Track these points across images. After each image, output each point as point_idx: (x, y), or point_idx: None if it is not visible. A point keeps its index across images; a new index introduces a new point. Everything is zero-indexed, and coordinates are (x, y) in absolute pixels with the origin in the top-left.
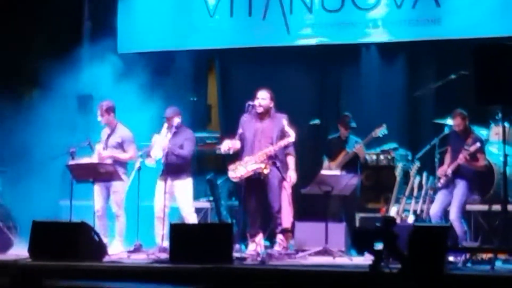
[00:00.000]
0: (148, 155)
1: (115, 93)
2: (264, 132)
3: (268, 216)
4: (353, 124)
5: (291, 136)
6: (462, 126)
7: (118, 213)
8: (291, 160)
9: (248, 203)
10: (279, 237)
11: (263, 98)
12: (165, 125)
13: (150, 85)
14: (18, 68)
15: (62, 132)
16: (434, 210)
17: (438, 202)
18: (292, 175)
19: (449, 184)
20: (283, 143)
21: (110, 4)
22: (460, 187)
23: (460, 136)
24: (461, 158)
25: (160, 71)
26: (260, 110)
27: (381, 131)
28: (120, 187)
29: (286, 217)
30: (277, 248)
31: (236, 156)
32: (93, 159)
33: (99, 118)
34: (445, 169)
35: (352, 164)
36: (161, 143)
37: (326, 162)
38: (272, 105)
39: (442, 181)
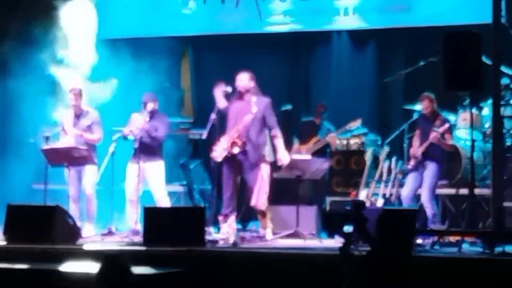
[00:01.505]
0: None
1: (89, 78)
2: (240, 112)
3: (242, 198)
4: (325, 116)
5: (252, 112)
6: (430, 108)
7: (90, 196)
8: (278, 142)
9: (222, 185)
10: (262, 219)
11: (241, 79)
12: (145, 108)
13: (123, 71)
14: None
15: (36, 116)
16: (405, 193)
17: (409, 185)
18: (282, 157)
19: (419, 166)
20: (245, 120)
21: None
22: (430, 169)
23: (428, 119)
24: (434, 136)
25: (133, 58)
26: (240, 90)
27: (356, 125)
28: (91, 170)
29: (260, 199)
30: (261, 230)
31: (211, 140)
32: (64, 141)
33: (74, 102)
34: (415, 150)
35: (322, 150)
36: (138, 123)
37: (296, 144)
38: (252, 85)
39: (412, 163)
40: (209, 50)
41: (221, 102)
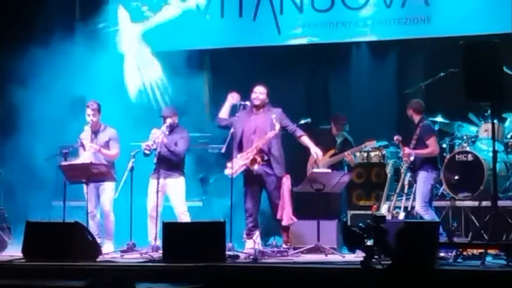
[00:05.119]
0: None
1: (107, 93)
2: (259, 127)
3: (265, 214)
4: (346, 128)
5: (275, 129)
6: (410, 117)
7: (108, 213)
8: (305, 140)
9: (245, 201)
10: (285, 234)
11: (260, 92)
12: (165, 123)
13: (141, 85)
14: (8, 68)
15: (55, 133)
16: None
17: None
18: (316, 151)
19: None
20: (267, 137)
21: (100, 4)
22: (420, 177)
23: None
24: (403, 154)
25: (152, 71)
26: (257, 102)
27: (372, 145)
28: (109, 186)
29: (285, 214)
30: (283, 245)
31: (230, 154)
32: (82, 157)
33: (92, 118)
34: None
35: (338, 164)
36: (156, 137)
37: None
38: (267, 100)
39: None
40: (227, 64)
41: (225, 113)
